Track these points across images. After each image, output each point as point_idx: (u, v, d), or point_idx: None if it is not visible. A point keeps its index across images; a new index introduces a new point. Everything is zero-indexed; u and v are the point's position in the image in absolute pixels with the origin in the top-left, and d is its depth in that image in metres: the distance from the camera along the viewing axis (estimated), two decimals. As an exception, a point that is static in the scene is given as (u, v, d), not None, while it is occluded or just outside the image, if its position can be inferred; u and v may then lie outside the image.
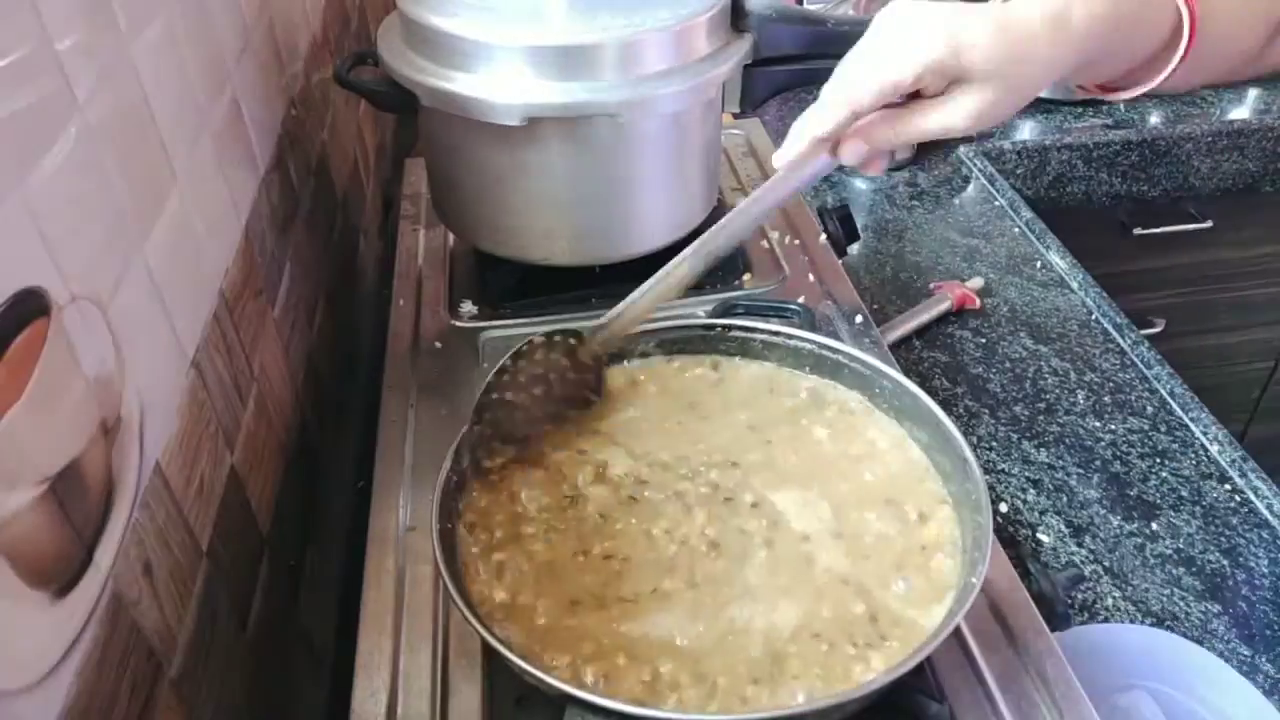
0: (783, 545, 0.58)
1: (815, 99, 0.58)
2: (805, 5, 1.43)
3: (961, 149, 1.42)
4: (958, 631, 0.58)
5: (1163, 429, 0.95)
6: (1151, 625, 0.78)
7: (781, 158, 0.60)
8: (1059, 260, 1.19)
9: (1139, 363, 1.03)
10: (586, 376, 0.66)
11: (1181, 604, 0.80)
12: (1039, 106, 1.51)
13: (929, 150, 1.41)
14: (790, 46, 0.81)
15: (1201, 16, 0.60)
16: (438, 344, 0.82)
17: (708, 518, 0.60)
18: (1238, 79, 0.84)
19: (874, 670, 0.51)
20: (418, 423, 0.74)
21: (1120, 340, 1.06)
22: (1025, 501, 0.88)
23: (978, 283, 1.14)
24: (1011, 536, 0.85)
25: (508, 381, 0.63)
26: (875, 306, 1.11)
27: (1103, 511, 0.87)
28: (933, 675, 0.56)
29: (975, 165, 1.39)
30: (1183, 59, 0.61)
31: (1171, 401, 0.98)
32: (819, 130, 0.58)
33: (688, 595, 0.56)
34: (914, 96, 0.57)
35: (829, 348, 0.68)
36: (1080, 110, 1.50)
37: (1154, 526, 0.86)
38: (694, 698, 0.50)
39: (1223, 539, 0.85)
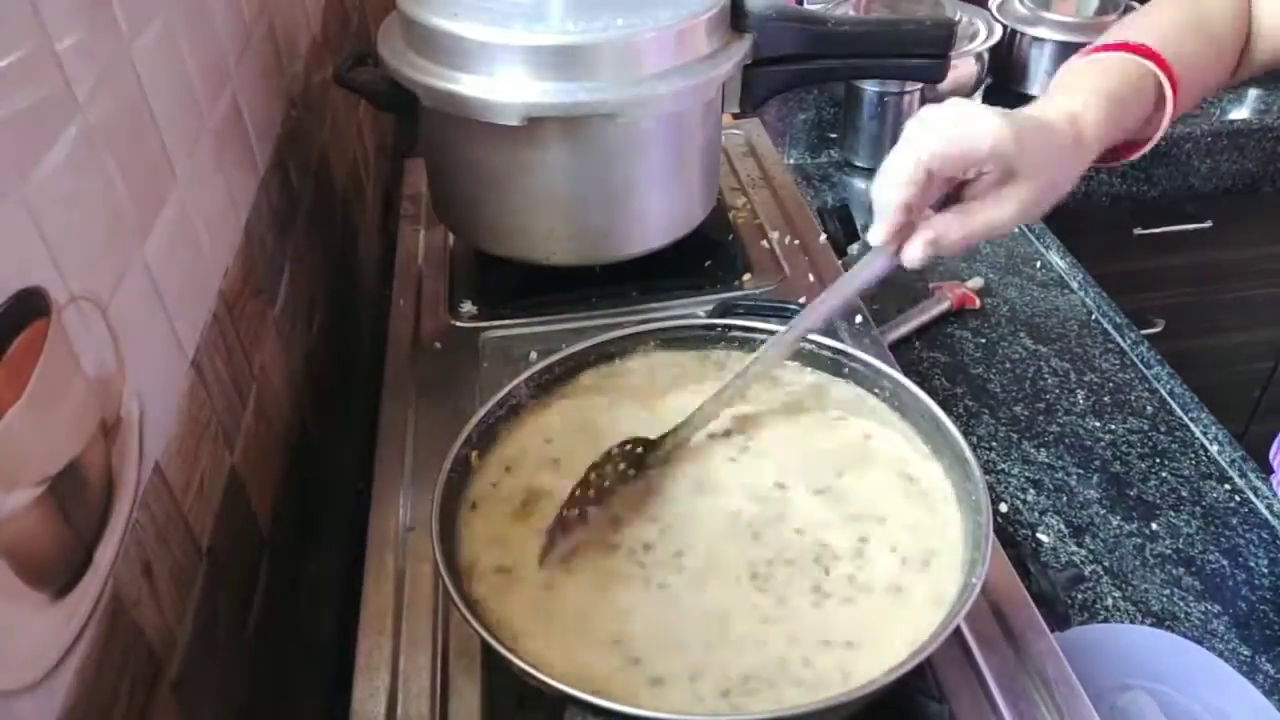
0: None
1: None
2: (805, 5, 1.43)
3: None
4: (958, 631, 0.58)
5: (1163, 429, 0.95)
6: (1151, 625, 0.78)
7: (877, 236, 0.60)
8: (1059, 260, 1.19)
9: (1139, 363, 1.03)
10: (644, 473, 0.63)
11: (1181, 604, 0.80)
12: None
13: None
14: (790, 46, 0.81)
15: (1180, 78, 0.66)
16: (438, 344, 0.82)
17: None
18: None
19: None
20: (418, 423, 0.74)
21: (1120, 340, 1.06)
22: (1025, 501, 0.88)
23: (977, 283, 1.14)
24: (1011, 536, 0.85)
25: (578, 496, 0.58)
26: (875, 306, 1.10)
27: (1103, 511, 0.87)
28: (933, 675, 0.56)
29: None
30: (1171, 118, 0.67)
31: (1171, 401, 0.98)
32: (900, 196, 0.58)
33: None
34: (955, 200, 0.60)
35: (829, 348, 0.68)
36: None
37: (1154, 526, 0.86)
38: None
39: (1223, 539, 0.85)
